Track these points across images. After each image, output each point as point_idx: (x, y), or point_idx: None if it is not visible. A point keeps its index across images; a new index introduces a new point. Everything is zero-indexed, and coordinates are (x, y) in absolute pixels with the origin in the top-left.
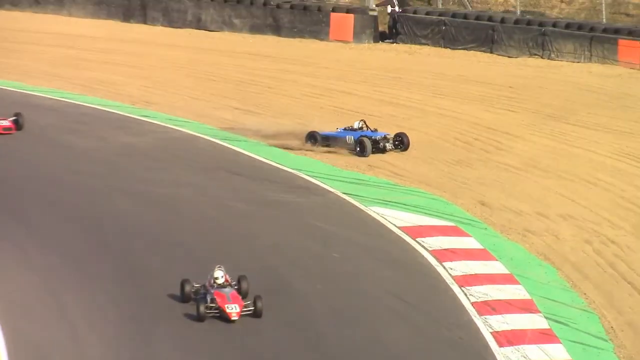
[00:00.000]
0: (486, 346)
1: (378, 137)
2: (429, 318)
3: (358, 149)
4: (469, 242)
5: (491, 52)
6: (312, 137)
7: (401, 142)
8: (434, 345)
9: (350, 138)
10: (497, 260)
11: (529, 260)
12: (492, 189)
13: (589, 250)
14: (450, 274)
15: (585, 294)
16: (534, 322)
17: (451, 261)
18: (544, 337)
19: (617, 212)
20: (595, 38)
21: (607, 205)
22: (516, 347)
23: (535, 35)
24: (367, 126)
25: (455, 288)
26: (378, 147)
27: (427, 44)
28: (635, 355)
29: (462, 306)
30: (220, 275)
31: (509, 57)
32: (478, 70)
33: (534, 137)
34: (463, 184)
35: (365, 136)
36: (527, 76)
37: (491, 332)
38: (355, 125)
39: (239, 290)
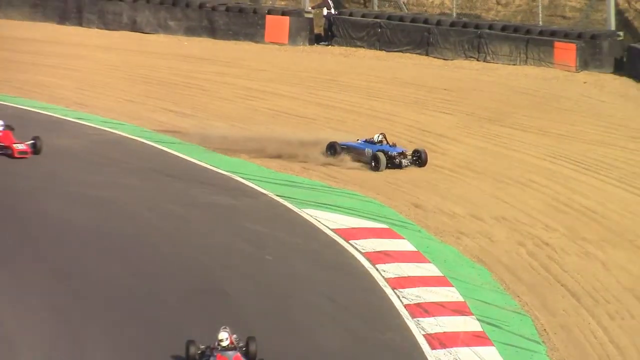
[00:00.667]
0: (419, 349)
1: (394, 153)
2: (361, 320)
3: (373, 163)
4: (403, 245)
5: (427, 55)
6: (332, 148)
7: (419, 159)
8: (367, 348)
9: (369, 151)
10: (430, 262)
11: (462, 262)
12: (426, 191)
13: (522, 253)
14: (383, 276)
15: (518, 296)
16: (467, 324)
17: (384, 263)
18: (476, 339)
19: (551, 214)
20: (531, 40)
21: (541, 207)
22: (449, 349)
23: (471, 38)
24: (386, 140)
25: (388, 290)
26: (394, 163)
27: (363, 47)
28: (568, 358)
29: (395, 308)
30: (225, 337)
31: (444, 59)
32: (413, 73)
33: (469, 140)
34: (397, 186)
35: (382, 151)
36: (462, 78)
37: (424, 335)
38: (375, 139)
39: (246, 353)
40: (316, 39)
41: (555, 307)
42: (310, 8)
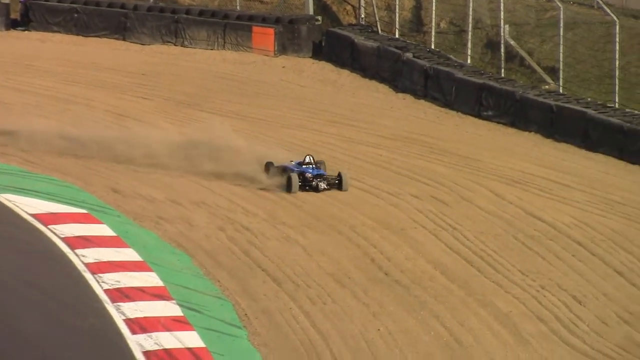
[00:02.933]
0: (119, 333)
1: (310, 175)
2: (62, 305)
3: (287, 185)
4: (102, 230)
5: (124, 40)
6: (267, 167)
7: (340, 182)
8: (68, 334)
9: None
10: (129, 247)
11: (162, 247)
12: (125, 176)
13: (222, 238)
14: (82, 261)
15: (219, 281)
16: (168, 309)
17: (84, 248)
18: (177, 324)
19: (251, 199)
20: (229, 25)
21: (240, 192)
22: (149, 334)
23: (169, 23)
24: (313, 161)
25: (87, 275)
26: (311, 185)
27: (60, 32)
28: (270, 342)
29: (95, 293)
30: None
31: (142, 44)
32: (111, 58)
33: (167, 124)
34: (96, 171)
35: (302, 173)
36: (160, 63)
37: (124, 320)
38: (305, 160)
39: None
40: (13, 24)
41: (256, 292)
42: None
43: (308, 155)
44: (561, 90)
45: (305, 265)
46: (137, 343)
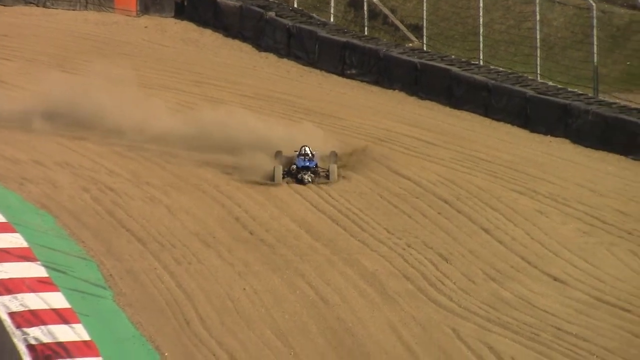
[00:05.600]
0: None
1: (295, 167)
2: None
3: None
4: None
5: None
6: (276, 156)
7: (328, 176)
8: None
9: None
10: None
11: (26, 208)
12: None
13: (86, 198)
14: None
15: (83, 241)
16: (32, 270)
17: None
18: (42, 285)
19: (114, 159)
20: None
21: (104, 153)
22: (14, 295)
23: None
24: (310, 152)
25: None
26: (297, 178)
27: None
28: (135, 303)
29: None
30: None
31: (3, 5)
32: None
33: (30, 86)
34: None
35: (299, 166)
36: (22, 25)
37: None
38: (300, 150)
39: None
40: None
41: (120, 253)
42: None
43: (304, 146)
44: (425, 48)
45: (170, 225)
46: (2, 304)
